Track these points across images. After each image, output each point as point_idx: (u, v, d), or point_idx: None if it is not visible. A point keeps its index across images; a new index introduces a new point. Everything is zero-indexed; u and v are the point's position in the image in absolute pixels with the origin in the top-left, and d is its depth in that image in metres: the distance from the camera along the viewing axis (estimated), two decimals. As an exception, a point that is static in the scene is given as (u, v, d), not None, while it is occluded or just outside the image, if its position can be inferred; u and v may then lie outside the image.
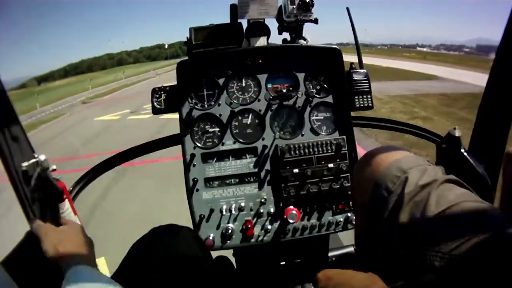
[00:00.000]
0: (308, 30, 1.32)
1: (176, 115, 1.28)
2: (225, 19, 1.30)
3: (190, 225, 1.23)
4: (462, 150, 1.10)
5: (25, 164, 1.21)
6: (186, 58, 1.28)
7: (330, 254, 1.38)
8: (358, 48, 1.33)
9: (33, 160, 1.24)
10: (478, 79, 11.03)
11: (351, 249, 1.41)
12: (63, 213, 1.25)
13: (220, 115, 1.27)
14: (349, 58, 1.33)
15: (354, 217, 1.21)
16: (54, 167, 1.30)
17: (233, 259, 1.35)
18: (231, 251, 1.32)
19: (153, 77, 27.26)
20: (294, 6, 1.29)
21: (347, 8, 1.37)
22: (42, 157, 1.26)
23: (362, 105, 1.27)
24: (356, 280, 0.73)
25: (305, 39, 1.32)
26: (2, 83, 1.21)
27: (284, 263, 1.31)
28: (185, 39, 1.28)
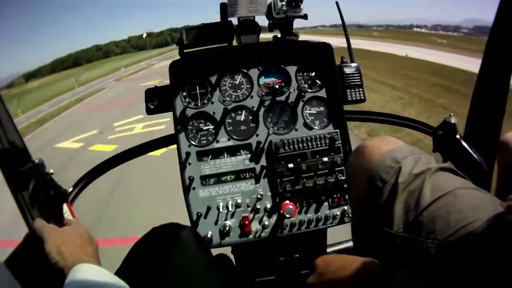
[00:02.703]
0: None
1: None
2: (216, 17, 1.31)
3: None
4: (458, 136, 1.10)
5: (22, 168, 1.22)
6: (175, 46, 1.29)
7: (328, 249, 1.38)
8: (348, 41, 1.34)
9: (30, 164, 1.26)
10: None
11: (350, 243, 1.41)
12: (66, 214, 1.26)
13: (214, 113, 1.28)
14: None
15: (350, 210, 1.21)
16: (51, 171, 1.31)
17: (232, 257, 1.36)
18: (230, 248, 1.32)
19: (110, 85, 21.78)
20: (283, 3, 1.30)
21: (336, 3, 1.38)
22: (39, 161, 1.27)
23: (354, 99, 1.28)
24: (355, 264, 0.73)
25: (295, 35, 1.33)
26: None
27: (282, 258, 1.31)
28: (174, 27, 1.29)
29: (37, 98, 22.36)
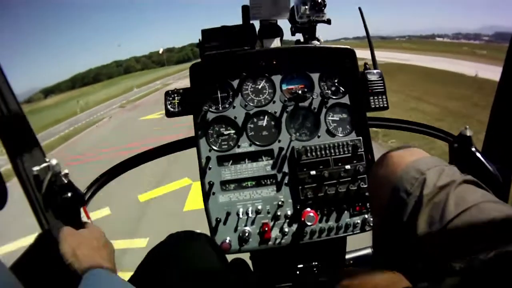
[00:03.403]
0: (324, 25, 1.31)
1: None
2: (237, 20, 1.28)
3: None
4: (473, 149, 1.11)
5: (36, 168, 1.19)
6: (198, 60, 1.26)
7: (347, 256, 1.38)
8: (371, 48, 1.32)
9: (45, 164, 1.23)
10: None
11: (368, 251, 1.41)
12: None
13: (235, 117, 1.26)
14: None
15: (371, 219, 1.20)
16: (66, 171, 1.28)
17: (250, 262, 1.34)
18: (248, 254, 1.31)
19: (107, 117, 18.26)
20: (307, 7, 1.28)
21: (359, 8, 1.36)
22: (54, 161, 1.24)
23: (377, 106, 1.26)
24: (379, 278, 0.73)
25: (318, 40, 1.31)
26: (11, 87, 1.20)
27: (301, 265, 1.31)
28: (197, 41, 1.27)
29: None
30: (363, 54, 1.31)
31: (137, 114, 16.42)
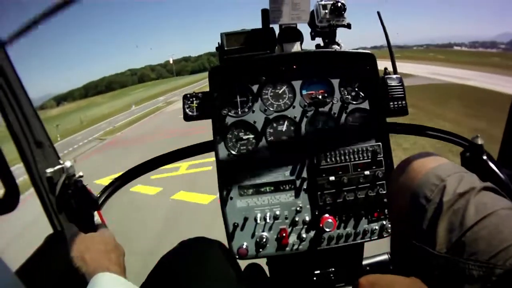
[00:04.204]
0: (342, 34, 1.31)
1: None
2: (256, 24, 1.28)
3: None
4: (485, 157, 1.11)
5: (49, 170, 1.19)
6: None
7: (364, 262, 1.37)
8: (391, 52, 1.31)
9: (59, 166, 1.23)
10: None
11: (385, 257, 1.40)
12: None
13: (255, 122, 1.25)
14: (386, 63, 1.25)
15: (389, 225, 1.19)
16: (80, 173, 1.28)
17: (266, 268, 1.34)
18: (265, 259, 1.30)
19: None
20: (327, 11, 1.28)
21: (378, 13, 1.35)
22: (68, 164, 1.24)
23: (397, 111, 1.26)
24: (399, 285, 0.72)
25: (338, 44, 1.30)
26: (25, 90, 1.19)
27: (318, 272, 1.30)
28: (215, 48, 1.26)
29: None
30: (382, 64, 1.29)
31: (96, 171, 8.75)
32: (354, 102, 1.28)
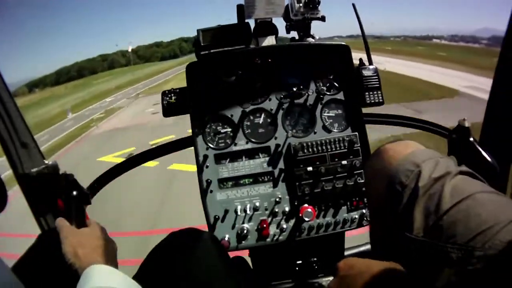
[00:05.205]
0: (317, 23, 1.32)
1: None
2: (231, 19, 1.29)
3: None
4: (472, 139, 1.12)
5: (35, 169, 1.20)
6: (181, 59, 1.27)
7: (346, 253, 1.38)
8: (366, 43, 1.33)
9: (44, 166, 1.24)
10: None
11: (368, 247, 1.41)
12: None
13: (232, 115, 1.27)
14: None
15: (369, 213, 1.21)
16: (65, 170, 1.29)
17: (249, 260, 1.35)
18: (247, 251, 1.32)
19: None
20: (301, 5, 1.29)
21: (353, 4, 1.37)
22: (53, 162, 1.25)
23: (372, 101, 1.27)
24: (377, 268, 0.73)
25: (313, 37, 1.32)
26: (8, 89, 1.21)
27: (300, 262, 1.31)
28: (188, 35, 1.28)
29: None
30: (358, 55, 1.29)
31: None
32: (329, 93, 1.30)
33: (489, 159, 1.09)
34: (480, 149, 1.11)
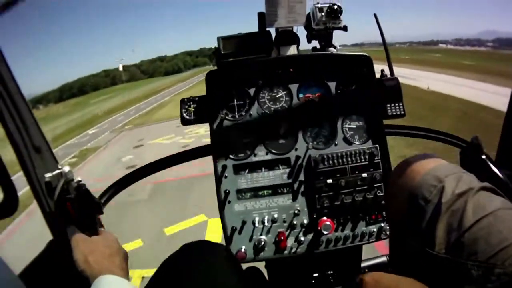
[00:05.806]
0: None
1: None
2: (252, 27, 1.27)
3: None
4: (484, 157, 1.11)
5: (48, 175, 1.19)
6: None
7: (362, 264, 1.37)
8: (387, 54, 1.31)
9: (57, 171, 1.23)
10: None
11: (384, 259, 1.40)
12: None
13: (252, 125, 1.25)
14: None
15: (388, 227, 1.19)
16: (79, 178, 1.28)
17: (265, 271, 1.34)
18: (263, 262, 1.31)
19: None
20: (323, 14, 1.28)
21: (375, 15, 1.36)
22: (66, 169, 1.24)
23: (394, 113, 1.26)
24: (403, 285, 0.72)
25: (335, 47, 1.30)
26: (22, 93, 1.20)
27: (317, 274, 1.30)
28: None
29: None
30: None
31: None
32: (351, 104, 1.28)
33: (501, 176, 1.08)
34: (492, 166, 1.10)
